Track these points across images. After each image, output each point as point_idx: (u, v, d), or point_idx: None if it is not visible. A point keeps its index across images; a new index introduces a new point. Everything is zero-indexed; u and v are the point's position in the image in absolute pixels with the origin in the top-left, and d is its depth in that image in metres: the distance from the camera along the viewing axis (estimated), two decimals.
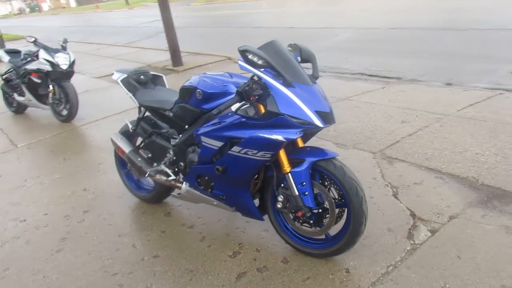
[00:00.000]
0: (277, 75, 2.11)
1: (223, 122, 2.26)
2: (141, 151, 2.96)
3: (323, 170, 2.19)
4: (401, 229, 2.53)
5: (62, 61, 5.36)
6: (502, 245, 2.29)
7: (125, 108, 5.72)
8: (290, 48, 2.37)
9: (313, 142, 2.42)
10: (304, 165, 2.18)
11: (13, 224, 3.15)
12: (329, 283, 2.17)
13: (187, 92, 2.49)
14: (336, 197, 2.22)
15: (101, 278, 2.43)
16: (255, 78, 2.16)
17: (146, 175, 2.80)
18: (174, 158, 2.71)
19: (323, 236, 2.34)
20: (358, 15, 13.80)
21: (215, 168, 2.34)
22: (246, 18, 17.36)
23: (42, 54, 5.34)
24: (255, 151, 2.17)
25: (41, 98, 5.73)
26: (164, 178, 2.78)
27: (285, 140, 2.08)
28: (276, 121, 2.07)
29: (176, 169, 2.74)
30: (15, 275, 2.54)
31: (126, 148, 2.94)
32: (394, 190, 2.99)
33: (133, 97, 2.90)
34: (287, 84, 2.08)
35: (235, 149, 2.22)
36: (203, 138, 2.37)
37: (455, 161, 3.31)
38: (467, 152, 3.43)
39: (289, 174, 2.20)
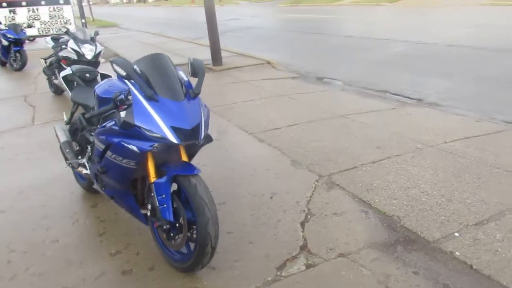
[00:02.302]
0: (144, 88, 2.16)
1: (105, 127, 2.37)
2: (74, 144, 3.18)
3: (181, 186, 2.20)
4: (278, 258, 2.43)
5: (88, 51, 5.87)
6: None
7: None
8: (191, 61, 2.42)
9: (271, 153, 2.31)
10: (164, 178, 2.21)
11: None
12: None
13: (94, 94, 2.64)
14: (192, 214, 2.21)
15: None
16: None
17: (66, 166, 3.02)
18: (90, 154, 2.89)
19: (185, 251, 2.35)
20: (431, 28, 12.92)
21: (97, 169, 2.47)
22: (317, 23, 17.13)
23: (71, 43, 5.89)
24: (120, 158, 2.25)
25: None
26: (84, 171, 2.97)
27: (139, 151, 2.13)
28: (133, 131, 2.13)
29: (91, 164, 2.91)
30: None
31: (61, 138, 3.19)
32: (308, 217, 2.86)
33: (68, 92, 3.14)
34: (149, 97, 2.12)
35: (108, 153, 2.32)
36: (95, 139, 2.51)
37: (394, 196, 3.06)
38: (415, 189, 3.14)
39: (152, 184, 2.24)
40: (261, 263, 2.40)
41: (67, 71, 3.27)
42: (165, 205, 2.21)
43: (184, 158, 2.31)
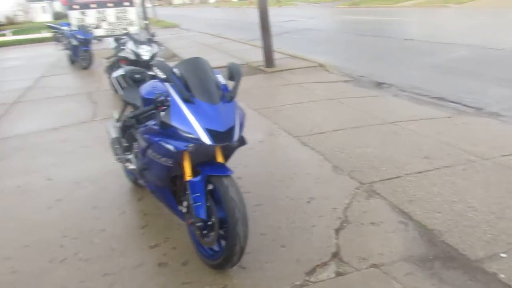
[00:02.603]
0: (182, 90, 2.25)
1: (147, 125, 2.50)
2: (123, 140, 3.37)
3: (215, 186, 2.27)
4: (309, 264, 2.43)
5: (144, 52, 6.18)
6: None
7: None
8: (229, 65, 2.50)
9: (313, 157, 2.50)
10: (199, 177, 2.30)
11: (41, 180, 3.90)
12: None
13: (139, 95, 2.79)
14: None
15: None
16: None
17: (114, 160, 3.21)
18: (136, 150, 3.06)
19: (217, 248, 2.42)
20: (499, 32, 12.12)
21: (140, 165, 2.61)
22: (376, 25, 16.69)
23: (129, 44, 6.23)
24: (159, 156, 2.37)
25: None
26: (130, 166, 3.14)
27: (175, 150, 2.23)
28: (170, 131, 2.24)
29: None
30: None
31: (112, 134, 3.40)
32: (343, 225, 2.82)
33: (120, 91, 3.33)
34: (186, 99, 2.22)
35: (149, 151, 2.45)
36: (139, 136, 2.66)
37: (437, 210, 2.93)
38: (461, 203, 2.99)
39: (188, 183, 2.34)
40: (291, 267, 2.42)
41: (120, 71, 3.47)
42: (199, 203, 2.30)
43: (220, 159, 2.38)
